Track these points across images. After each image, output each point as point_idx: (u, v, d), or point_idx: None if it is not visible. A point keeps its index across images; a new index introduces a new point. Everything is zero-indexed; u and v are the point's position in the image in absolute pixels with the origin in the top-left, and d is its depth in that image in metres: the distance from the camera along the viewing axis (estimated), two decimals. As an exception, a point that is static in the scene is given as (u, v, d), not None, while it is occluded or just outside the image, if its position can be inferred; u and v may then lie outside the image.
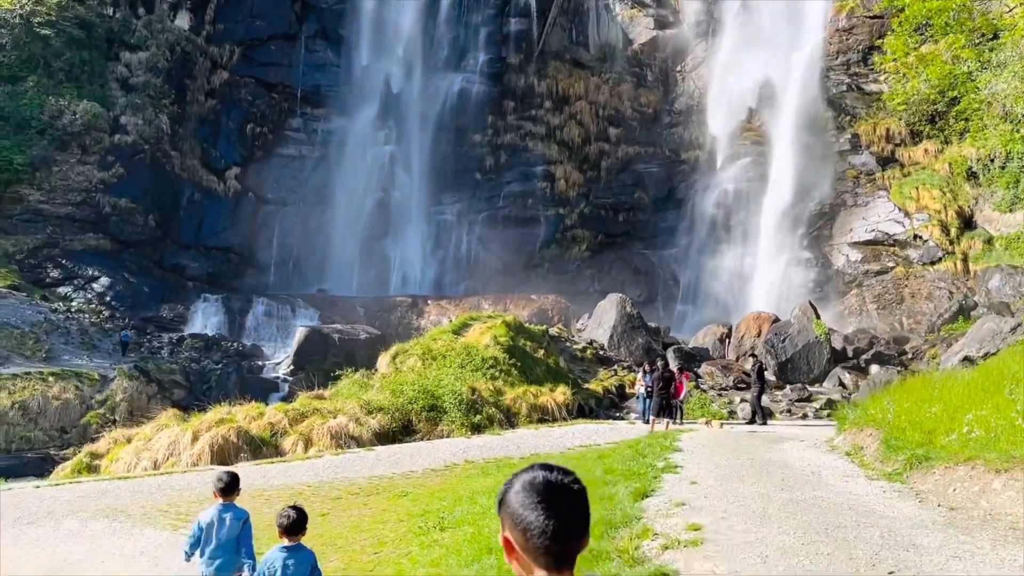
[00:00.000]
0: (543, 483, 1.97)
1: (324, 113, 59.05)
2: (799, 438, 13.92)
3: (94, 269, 47.63)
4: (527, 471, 2.04)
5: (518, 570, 1.96)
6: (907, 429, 9.56)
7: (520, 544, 1.94)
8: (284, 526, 5.44)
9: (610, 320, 35.21)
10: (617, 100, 58.43)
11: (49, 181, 48.12)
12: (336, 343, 41.53)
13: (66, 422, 32.29)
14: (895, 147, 49.07)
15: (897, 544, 5.78)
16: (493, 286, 53.09)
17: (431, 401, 22.47)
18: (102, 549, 9.98)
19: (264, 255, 55.65)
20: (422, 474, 14.87)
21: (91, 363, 36.96)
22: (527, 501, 1.95)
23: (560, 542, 1.91)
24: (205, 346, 43.90)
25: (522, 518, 1.94)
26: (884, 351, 34.18)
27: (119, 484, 15.38)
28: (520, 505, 1.95)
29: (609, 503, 7.81)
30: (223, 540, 6.15)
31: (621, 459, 10.56)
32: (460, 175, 57.48)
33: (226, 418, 20.18)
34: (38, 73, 49.95)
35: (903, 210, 46.10)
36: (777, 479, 8.57)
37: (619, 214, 56.41)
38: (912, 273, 43.82)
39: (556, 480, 1.99)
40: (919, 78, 27.73)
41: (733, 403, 27.75)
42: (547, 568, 1.92)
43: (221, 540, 6.14)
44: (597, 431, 19.96)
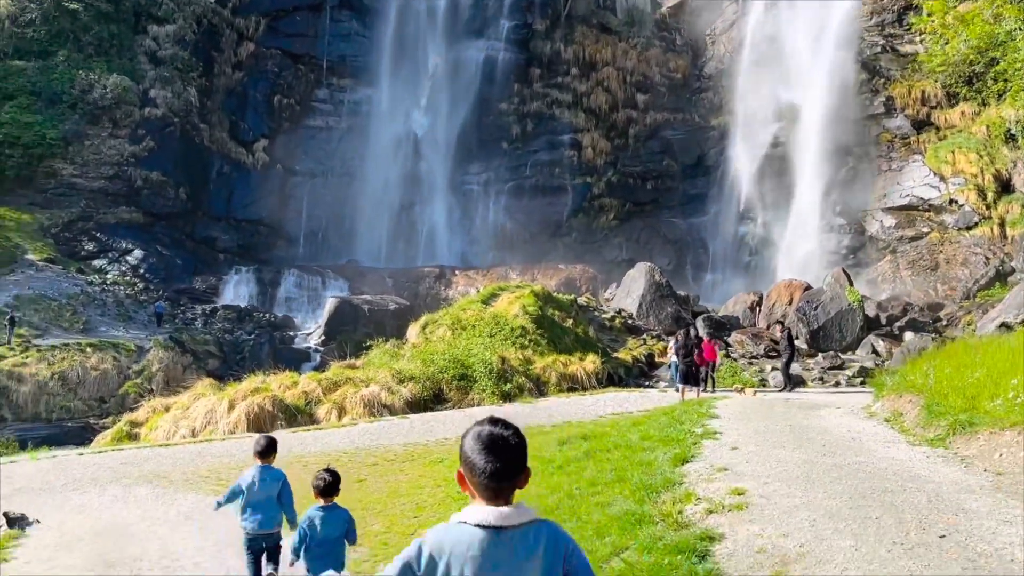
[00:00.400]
0: (488, 435, 2.47)
1: (350, 84, 58.91)
2: (835, 405, 13.79)
3: (127, 242, 48.31)
4: (480, 424, 2.54)
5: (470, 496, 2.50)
6: (949, 394, 9.42)
7: (468, 479, 2.50)
8: (319, 488, 5.87)
9: (639, 289, 35.00)
10: (645, 65, 57.58)
11: (82, 155, 48.70)
12: (366, 314, 41.86)
13: (104, 392, 32.97)
14: (931, 110, 47.89)
15: (945, 508, 5.72)
16: (520, 256, 53.04)
17: (461, 370, 22.57)
18: (147, 514, 10.19)
19: (293, 227, 56.02)
20: (456, 441, 14.96)
21: (127, 334, 37.63)
22: (475, 447, 2.47)
23: (496, 481, 2.44)
24: (238, 317, 44.47)
25: (470, 460, 2.47)
26: (918, 318, 33.69)
27: (160, 451, 15.69)
28: (470, 450, 2.48)
29: (649, 468, 7.81)
30: (262, 498, 6.61)
31: (657, 426, 10.54)
32: (486, 145, 57.20)
33: (261, 387, 20.48)
34: (68, 48, 50.35)
35: (938, 174, 45.11)
36: (818, 445, 8.50)
37: (647, 182, 55.87)
38: (947, 238, 43.02)
39: (498, 433, 2.49)
40: (958, 38, 26.99)
41: (764, 371, 27.55)
42: (486, 499, 2.45)
43: (260, 498, 6.61)
44: (628, 399, 19.95)
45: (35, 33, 50.04)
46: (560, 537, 2.54)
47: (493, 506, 2.45)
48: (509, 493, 2.48)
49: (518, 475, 2.49)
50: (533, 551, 2.45)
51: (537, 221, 55.71)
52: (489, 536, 2.42)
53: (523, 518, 2.47)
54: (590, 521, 6.73)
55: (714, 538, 5.62)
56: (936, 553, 4.93)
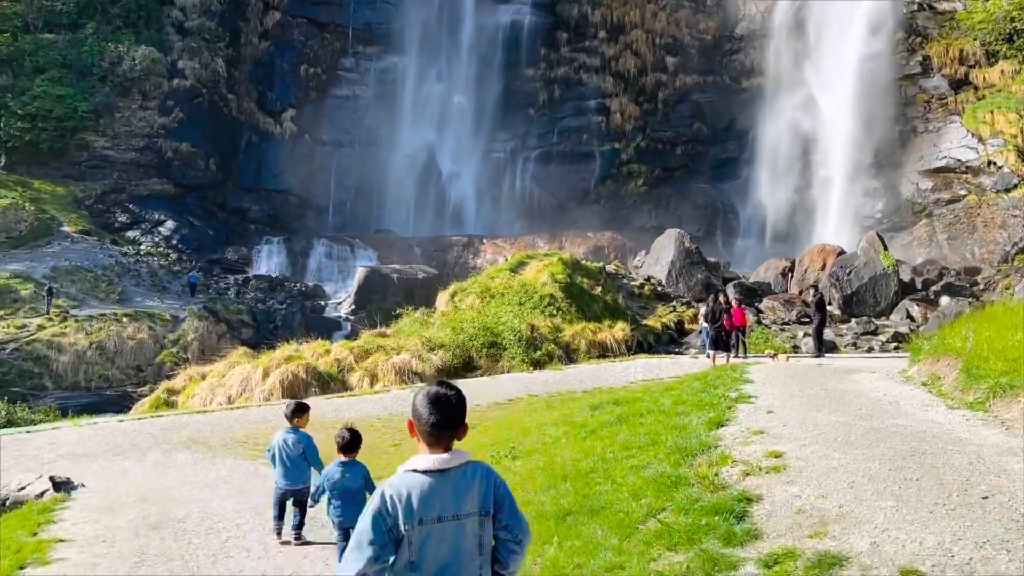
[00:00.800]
0: (434, 394, 3.02)
1: (376, 51, 58.60)
2: (870, 370, 13.64)
3: (160, 213, 48.92)
4: (430, 385, 3.10)
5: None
6: (989, 358, 9.26)
7: (416, 427, 3.03)
8: (341, 445, 6.53)
9: (668, 256, 34.74)
10: (675, 27, 56.51)
11: (113, 127, 49.17)
12: (395, 282, 42.10)
13: (141, 361, 33.63)
14: (969, 69, 46.61)
15: (987, 470, 5.64)
16: (548, 224, 52.85)
17: (491, 338, 22.65)
18: (187, 477, 10.42)
19: (322, 197, 56.26)
20: (488, 407, 15.07)
21: (162, 304, 38.24)
22: (423, 403, 3.00)
23: (437, 430, 2.98)
24: (269, 287, 44.98)
25: (418, 412, 3.01)
26: (955, 282, 33.16)
27: (197, 418, 16.01)
28: (419, 404, 3.01)
29: (683, 432, 7.79)
30: (288, 457, 7.32)
31: (691, 391, 10.51)
32: (513, 111, 56.76)
33: (294, 355, 20.74)
34: (96, 20, 50.62)
35: (976, 135, 44.02)
36: (855, 408, 8.42)
37: (677, 147, 55.18)
38: (985, 201, 42.11)
39: (443, 393, 3.03)
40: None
41: (796, 337, 27.33)
42: (428, 445, 3.00)
43: (286, 457, 7.33)
44: (659, 365, 19.92)
45: (64, 6, 50.34)
46: (490, 473, 3.16)
47: (434, 454, 3.00)
48: (448, 441, 3.02)
49: (456, 427, 3.03)
50: (470, 485, 3.06)
51: (565, 188, 55.37)
52: (434, 478, 2.99)
53: (459, 460, 3.05)
54: (625, 484, 6.75)
55: (752, 499, 5.61)
56: (979, 514, 4.88)
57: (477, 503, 3.03)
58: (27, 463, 11.83)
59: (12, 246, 40.10)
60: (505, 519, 3.10)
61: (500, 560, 3.11)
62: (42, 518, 8.41)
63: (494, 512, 3.08)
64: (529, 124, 57.19)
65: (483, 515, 3.05)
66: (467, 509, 3.00)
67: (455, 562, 2.97)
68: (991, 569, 4.14)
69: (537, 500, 7.08)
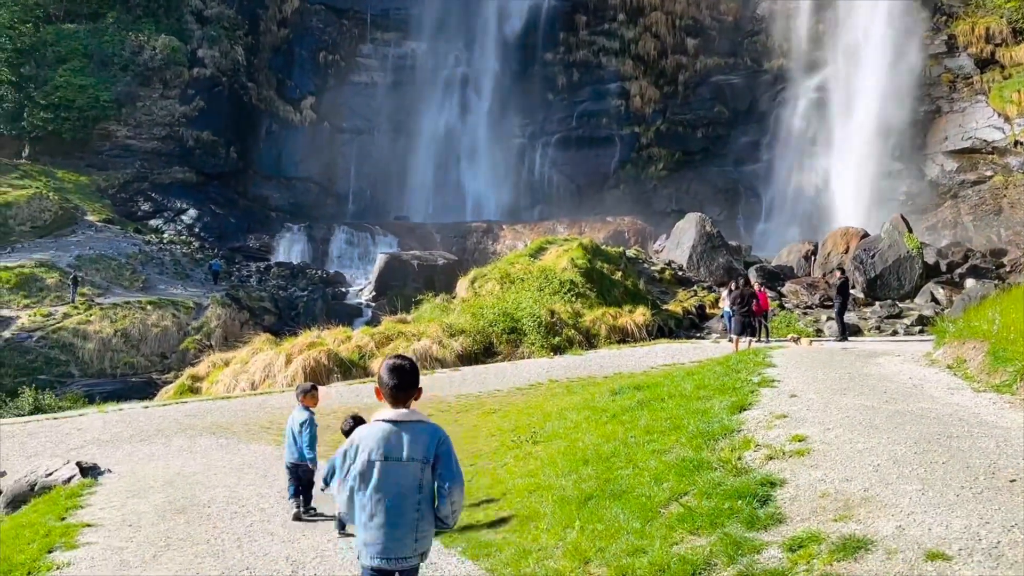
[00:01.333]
0: (392, 364, 3.95)
1: (395, 37, 58.55)
2: (894, 353, 13.49)
3: (182, 202, 49.33)
4: (389, 358, 4.00)
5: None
6: (1016, 340, 9.10)
7: (381, 390, 3.94)
8: (345, 430, 6.99)
9: (689, 240, 34.52)
10: (695, 9, 55.90)
11: (135, 117, 49.59)
12: (415, 269, 42.21)
13: (165, 348, 34.00)
14: (995, 48, 45.73)
15: (1015, 453, 5.56)
16: (567, 209, 52.70)
17: (511, 324, 22.64)
18: (212, 463, 10.53)
19: (342, 184, 56.47)
20: (508, 392, 15.10)
21: (185, 292, 38.61)
22: (385, 371, 3.93)
23: (395, 392, 3.90)
24: (291, 274, 45.26)
25: (382, 378, 3.93)
26: (980, 264, 32.67)
27: (221, 404, 16.17)
28: (383, 373, 3.93)
29: (705, 416, 7.75)
30: (290, 435, 7.94)
31: (713, 375, 10.44)
32: (532, 96, 56.51)
33: (316, 342, 20.87)
34: (116, 9, 50.96)
35: (1003, 115, 43.25)
36: (879, 392, 8.33)
37: (697, 130, 54.72)
38: (1012, 182, 41.43)
39: (399, 363, 3.95)
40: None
41: (820, 321, 27.09)
42: (390, 404, 3.91)
43: (289, 436, 7.95)
44: (680, 350, 19.83)
45: (85, -4, 50.76)
46: (436, 432, 3.96)
47: (394, 409, 3.91)
48: (405, 401, 3.92)
49: (410, 390, 3.94)
50: (418, 437, 3.88)
51: (584, 173, 55.15)
52: (390, 427, 3.89)
53: (413, 417, 3.92)
54: (647, 468, 6.73)
55: (775, 483, 5.56)
56: (1007, 497, 4.81)
57: (421, 452, 3.84)
58: (55, 449, 12.02)
59: (37, 235, 40.63)
60: (441, 469, 3.88)
61: (437, 502, 3.93)
62: (70, 503, 8.54)
63: (434, 463, 3.87)
64: (548, 108, 56.94)
65: (424, 463, 3.86)
66: (412, 455, 3.83)
67: (398, 494, 3.85)
68: (1019, 552, 4.08)
69: (559, 484, 7.08)
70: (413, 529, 3.90)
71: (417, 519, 3.90)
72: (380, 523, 3.86)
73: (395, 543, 3.87)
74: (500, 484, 7.99)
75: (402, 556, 3.89)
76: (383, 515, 3.86)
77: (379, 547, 3.87)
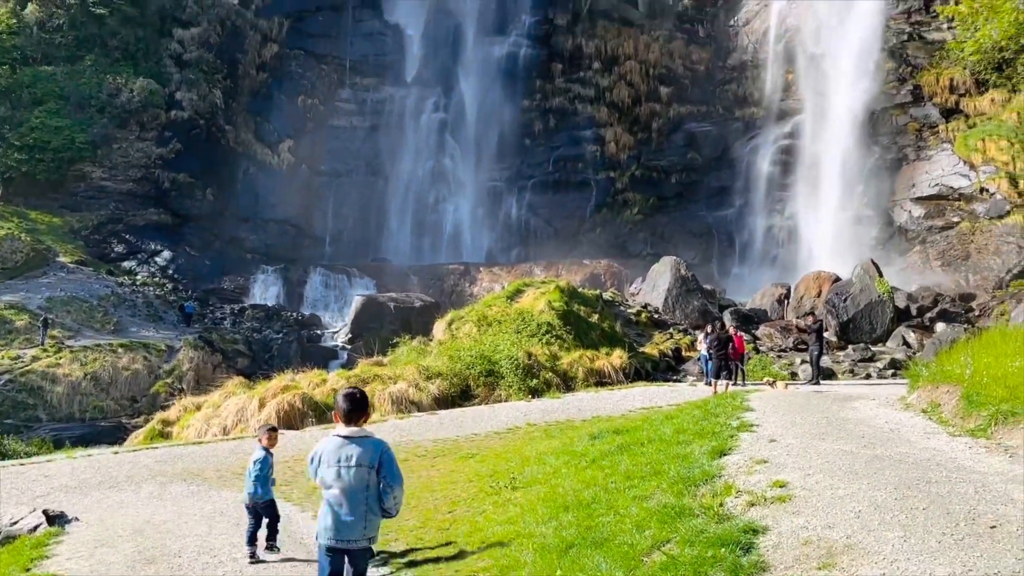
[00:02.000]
0: (345, 392, 5.20)
1: (373, 83, 59.15)
2: (869, 397, 13.61)
3: (156, 243, 48.93)
4: (343, 389, 5.28)
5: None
6: (989, 384, 9.24)
7: (338, 413, 5.16)
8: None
9: (664, 283, 34.81)
10: (668, 58, 57.15)
11: (110, 158, 49.37)
12: (392, 311, 42.01)
13: (136, 391, 33.40)
14: (959, 97, 47.10)
15: (994, 499, 5.60)
16: (545, 252, 52.97)
17: (488, 366, 22.53)
18: (184, 511, 10.29)
19: (320, 226, 56.41)
20: (485, 436, 14.97)
21: (157, 334, 38.07)
22: (340, 398, 5.18)
23: (348, 415, 5.12)
24: (266, 316, 44.86)
25: (338, 405, 5.18)
26: (950, 308, 33.21)
27: (193, 449, 15.84)
28: (339, 400, 5.18)
29: (685, 461, 7.73)
30: (249, 475, 8.21)
31: (691, 419, 10.45)
32: (510, 141, 57.16)
33: (290, 385, 20.59)
34: (95, 52, 51.03)
35: (968, 163, 44.35)
36: (857, 436, 8.38)
37: (671, 175, 55.52)
38: (978, 228, 42.29)
39: (351, 392, 5.20)
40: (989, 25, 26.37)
41: (793, 364, 27.29)
42: (344, 424, 5.11)
43: (248, 475, 8.22)
44: (657, 393, 19.84)
45: (63, 38, 50.77)
46: (380, 444, 5.18)
47: (347, 427, 5.13)
48: (355, 421, 5.17)
49: (360, 412, 5.19)
50: (366, 448, 5.09)
51: (561, 217, 55.60)
52: (342, 440, 5.12)
53: (361, 433, 5.16)
54: (628, 515, 6.67)
55: (757, 530, 5.55)
56: (988, 544, 4.83)
57: (368, 459, 5.03)
58: (20, 496, 11.68)
59: (8, 277, 40.01)
60: (384, 472, 5.06)
61: (382, 498, 5.08)
62: (35, 553, 8.27)
63: (378, 468, 5.05)
64: (525, 153, 57.57)
65: (370, 467, 5.03)
66: (360, 462, 5.02)
67: (349, 489, 5.02)
68: (1002, 600, 4.09)
69: (539, 532, 6.99)
70: (362, 519, 5.04)
71: (365, 511, 5.04)
72: (335, 513, 5.01)
73: (347, 529, 5.02)
74: (479, 532, 7.88)
75: (352, 539, 5.04)
76: (338, 507, 5.01)
77: (333, 531, 5.03)
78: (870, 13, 48.41)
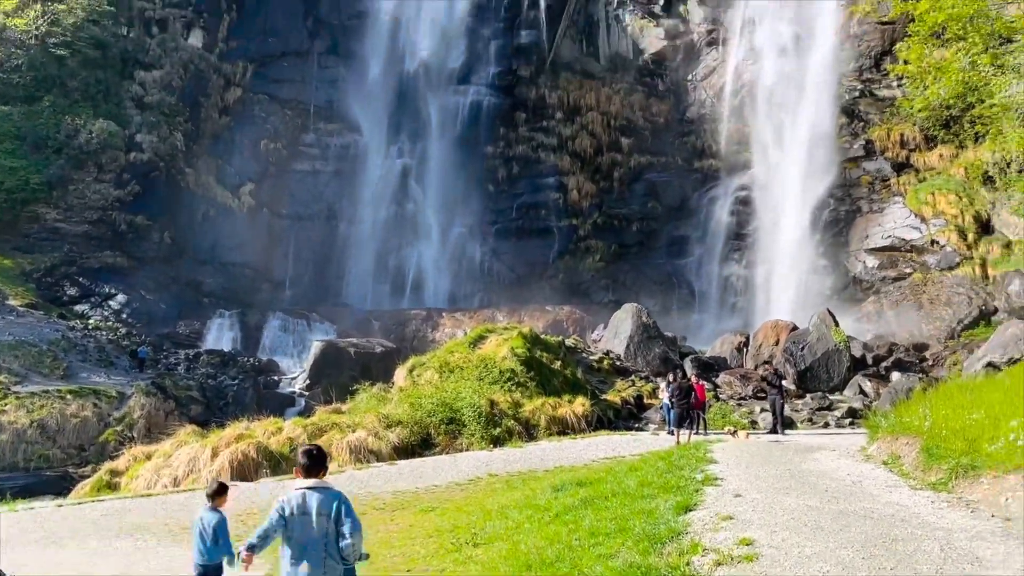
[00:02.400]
0: (305, 449, 5.86)
1: (338, 128, 59.23)
2: (829, 447, 13.68)
3: (111, 286, 47.84)
4: (302, 445, 7.21)
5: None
6: (948, 437, 9.32)
7: (299, 468, 5.82)
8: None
9: (626, 330, 34.99)
10: (629, 110, 58.28)
11: (66, 200, 48.43)
12: (352, 357, 41.43)
13: (84, 440, 32.27)
14: (909, 152, 48.69)
15: (960, 557, 5.57)
16: (507, 298, 52.95)
17: (450, 414, 22.29)
18: (129, 568, 9.85)
19: (280, 270, 55.78)
20: (446, 488, 14.70)
21: (109, 380, 36.98)
22: (300, 454, 5.85)
23: (307, 469, 5.78)
24: (221, 362, 43.90)
25: (298, 459, 5.86)
26: (904, 358, 33.81)
27: (141, 502, 15.28)
28: (299, 455, 5.85)
29: (651, 517, 7.60)
30: (202, 535, 7.87)
31: (656, 471, 10.34)
32: (473, 187, 57.46)
33: (245, 434, 20.10)
34: (54, 93, 50.39)
35: (919, 215, 45.68)
36: (821, 490, 8.35)
37: (632, 224, 56.21)
38: (930, 279, 43.36)
39: (309, 449, 5.88)
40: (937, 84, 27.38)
41: (753, 412, 27.49)
42: (304, 477, 5.72)
43: (201, 536, 7.89)
44: (620, 443, 19.74)
45: (21, 79, 50.10)
46: (338, 494, 5.66)
47: (307, 479, 5.66)
48: (315, 475, 5.74)
49: (319, 467, 5.81)
50: (325, 500, 5.53)
51: (524, 263, 55.78)
52: (305, 492, 5.56)
53: (321, 485, 5.69)
54: (593, 574, 6.52)
55: (725, 592, 5.44)
56: (956, 606, 4.78)
57: (326, 509, 5.50)
58: (-45, 554, 11.08)
59: (-48, 319, 38.69)
60: (343, 520, 5.50)
61: (340, 546, 5.46)
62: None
63: (336, 516, 5.49)
64: (489, 200, 57.87)
65: (328, 517, 5.48)
66: (319, 511, 5.48)
67: (310, 538, 5.44)
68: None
69: (501, 591, 6.80)
70: (321, 564, 5.47)
71: (325, 558, 5.49)
72: (297, 560, 5.43)
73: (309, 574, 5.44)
74: (440, 592, 7.64)
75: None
76: (300, 554, 5.45)
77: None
78: (823, 71, 50.08)
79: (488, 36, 60.23)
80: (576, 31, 60.90)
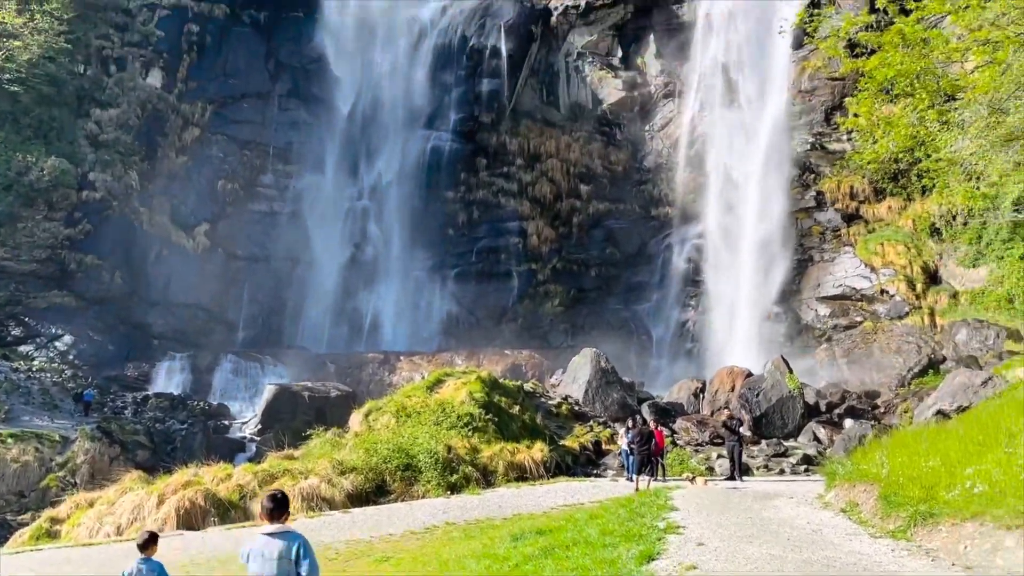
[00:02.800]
0: (270, 495, 6.39)
1: (296, 169, 58.97)
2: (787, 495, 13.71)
3: (58, 327, 46.51)
4: (268, 492, 6.56)
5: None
6: (905, 484, 9.39)
7: (263, 513, 6.29)
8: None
9: (585, 375, 34.96)
10: (588, 158, 59.18)
11: (14, 238, 47.18)
12: (306, 401, 40.66)
13: (24, 486, 31.04)
14: (859, 204, 50.08)
15: (923, 608, 5.55)
16: (466, 342, 52.70)
17: (406, 460, 21.91)
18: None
19: (234, 312, 54.80)
20: (402, 537, 14.35)
21: (52, 424, 35.74)
22: (265, 499, 6.36)
23: (270, 514, 6.28)
24: (170, 405, 42.76)
25: (263, 505, 6.32)
26: (857, 405, 34.26)
27: (82, 551, 14.65)
28: (264, 501, 6.33)
29: (613, 567, 7.47)
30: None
31: (617, 519, 10.22)
32: (433, 231, 57.50)
33: (193, 480, 19.50)
34: (5, 129, 49.37)
35: (869, 265, 46.84)
36: (783, 539, 8.31)
37: (591, 269, 56.66)
38: (880, 327, 44.27)
39: (274, 494, 6.40)
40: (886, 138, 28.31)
41: (710, 458, 27.52)
42: (267, 521, 6.25)
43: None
44: (580, 489, 19.55)
45: (-30, 114, 49.11)
46: (299, 537, 6.12)
47: (270, 524, 6.07)
48: (278, 520, 6.18)
49: (282, 512, 6.20)
50: (287, 543, 5.99)
51: (483, 307, 55.71)
52: (267, 537, 6.01)
53: (283, 529, 6.13)
54: (555, 626, 6.35)
55: (692, 645, 5.33)
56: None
57: (287, 552, 5.95)
58: None
59: None
60: (302, 561, 5.97)
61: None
62: None
63: (296, 558, 5.96)
64: (448, 243, 57.92)
65: (289, 560, 5.93)
66: (281, 555, 5.92)
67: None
68: None
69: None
70: None
71: None
72: None
73: None
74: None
75: None
76: None
77: None
78: (775, 123, 51.55)
79: (450, 83, 60.90)
80: (537, 81, 61.95)
